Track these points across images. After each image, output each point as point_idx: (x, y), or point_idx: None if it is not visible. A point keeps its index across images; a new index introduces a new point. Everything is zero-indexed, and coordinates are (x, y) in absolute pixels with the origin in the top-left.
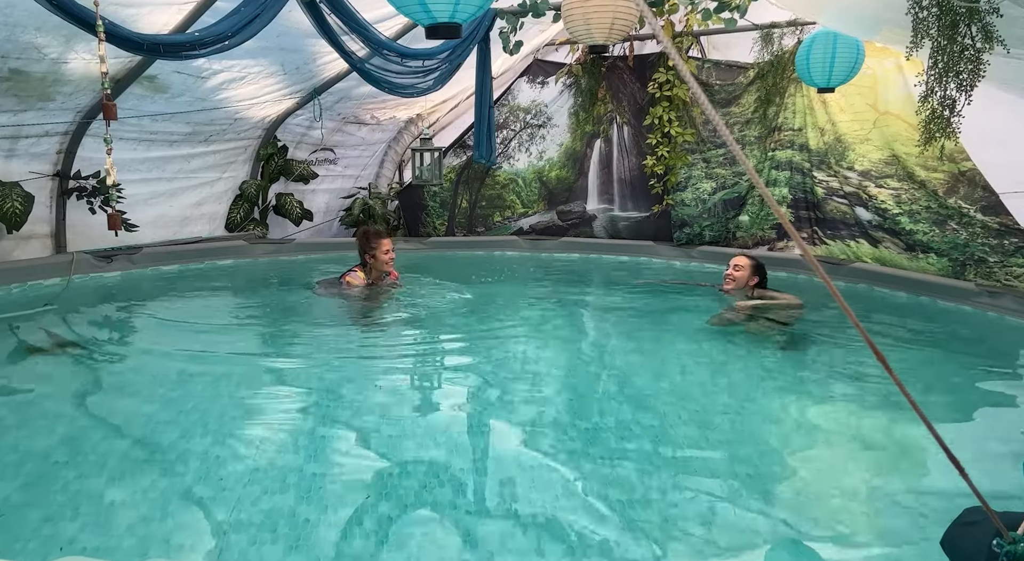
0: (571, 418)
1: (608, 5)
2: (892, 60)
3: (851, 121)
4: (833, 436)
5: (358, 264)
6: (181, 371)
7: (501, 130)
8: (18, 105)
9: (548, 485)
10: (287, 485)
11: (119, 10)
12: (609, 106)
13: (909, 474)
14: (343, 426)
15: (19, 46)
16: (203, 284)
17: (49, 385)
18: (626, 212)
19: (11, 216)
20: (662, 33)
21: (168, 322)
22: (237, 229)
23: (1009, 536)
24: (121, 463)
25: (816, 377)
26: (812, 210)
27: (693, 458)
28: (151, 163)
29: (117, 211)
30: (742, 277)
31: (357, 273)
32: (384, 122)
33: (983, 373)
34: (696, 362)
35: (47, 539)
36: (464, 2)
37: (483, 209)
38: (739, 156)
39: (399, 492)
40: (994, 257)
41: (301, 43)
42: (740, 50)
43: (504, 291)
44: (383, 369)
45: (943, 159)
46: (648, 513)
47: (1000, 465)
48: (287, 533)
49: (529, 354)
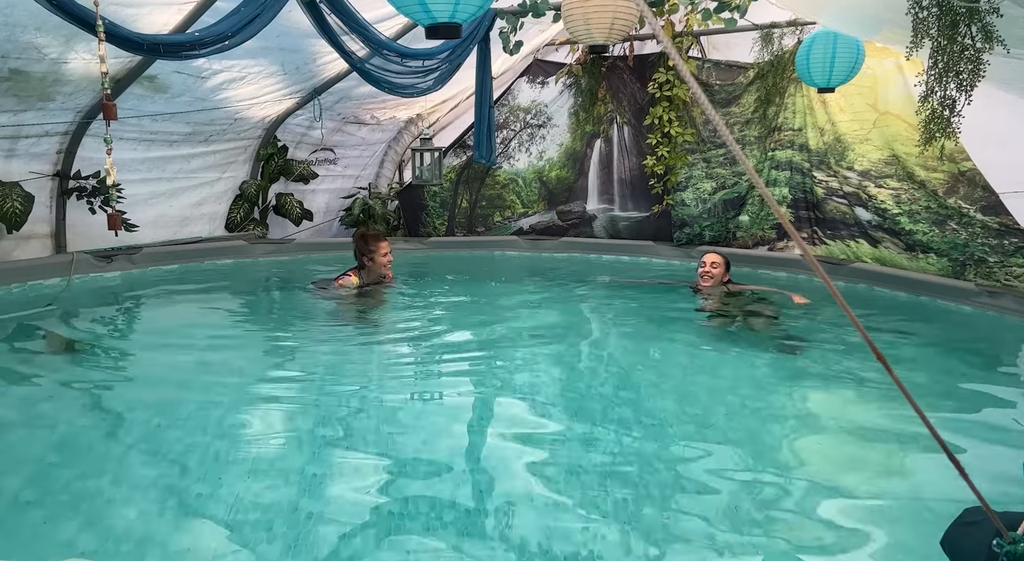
0: (570, 416)
1: (608, 5)
2: (892, 60)
3: (851, 121)
4: (832, 436)
5: (353, 268)
6: (181, 372)
7: (501, 130)
8: (18, 105)
9: (548, 485)
10: (287, 485)
11: (119, 10)
12: (609, 106)
13: (909, 474)
14: (343, 426)
15: (19, 46)
16: (203, 284)
17: (48, 385)
18: (626, 212)
19: (11, 216)
20: (662, 33)
21: (168, 322)
22: (237, 229)
23: (1009, 536)
24: (120, 464)
25: (816, 377)
26: (812, 210)
27: (694, 458)
28: (151, 163)
29: (117, 211)
30: (718, 274)
31: (351, 277)
32: (384, 122)
33: (983, 373)
34: (697, 361)
35: (46, 540)
36: (464, 2)
37: (483, 209)
38: (739, 156)
39: (399, 494)
40: (994, 257)
41: (301, 43)
42: (740, 50)
43: (494, 291)
44: (381, 371)
45: (943, 159)
46: (649, 513)
47: (1000, 465)
48: (285, 532)
49: (523, 356)
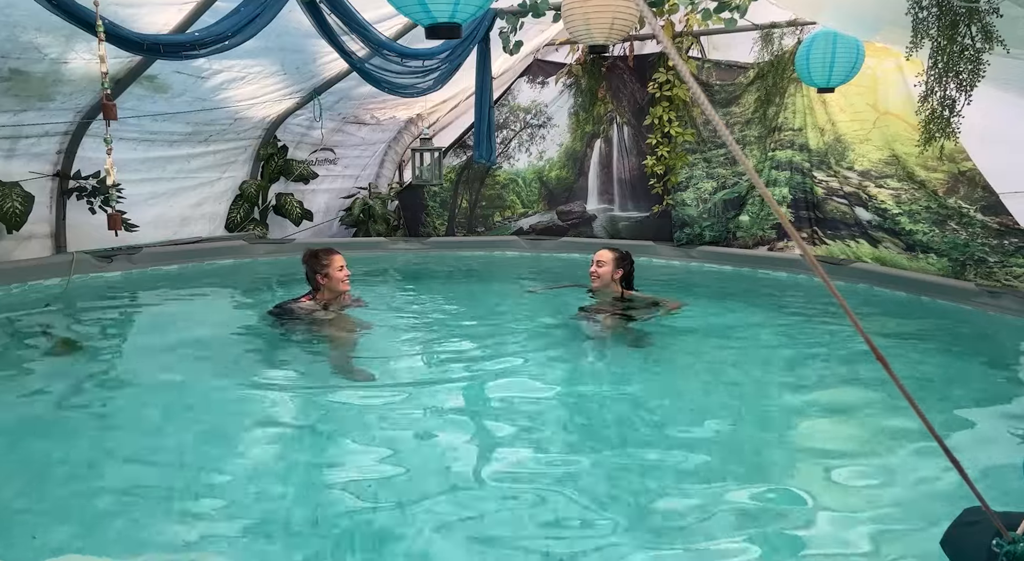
0: (569, 415)
1: (608, 5)
2: (892, 60)
3: (851, 121)
4: (831, 436)
5: (305, 294)
6: (180, 372)
7: (501, 130)
8: (18, 105)
9: (548, 483)
10: (287, 486)
11: (119, 10)
12: (609, 106)
13: (908, 474)
14: (343, 427)
15: (19, 46)
16: (203, 284)
17: (48, 386)
18: (626, 212)
19: (11, 216)
20: (662, 33)
21: (168, 323)
22: (237, 229)
23: (1009, 536)
24: (119, 465)
25: (815, 377)
26: (812, 210)
27: (688, 458)
28: (151, 163)
29: (117, 211)
30: (606, 273)
31: (303, 302)
32: (384, 122)
33: (983, 373)
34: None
35: (40, 540)
36: (464, 2)
37: (483, 209)
38: (739, 156)
39: (398, 499)
40: (994, 257)
41: (301, 43)
42: (740, 50)
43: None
44: (383, 373)
45: (943, 159)
46: (645, 514)
47: (1000, 465)
48: (286, 533)
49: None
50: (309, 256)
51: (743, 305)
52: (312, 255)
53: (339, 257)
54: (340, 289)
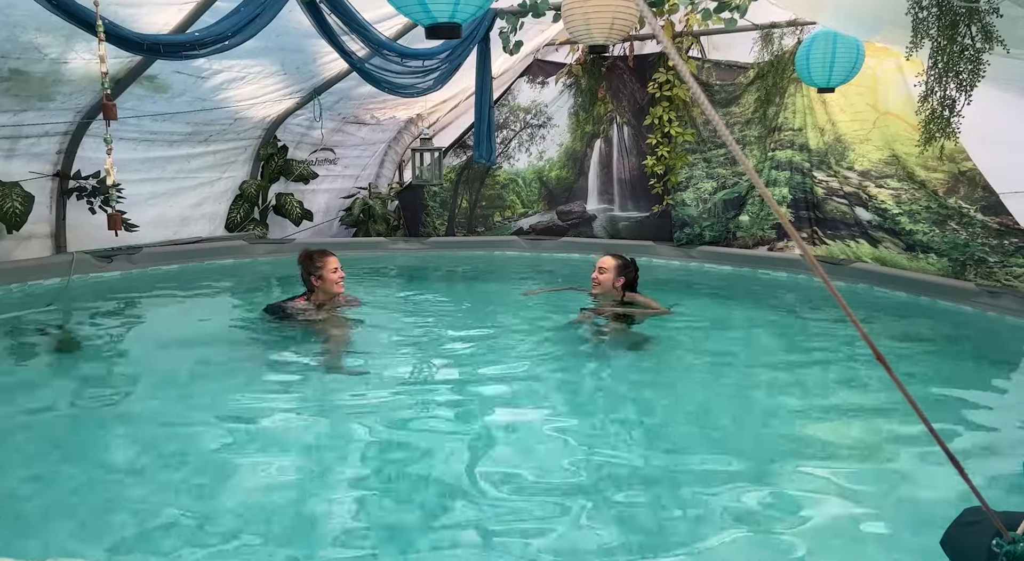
0: (568, 415)
1: (608, 5)
2: (892, 60)
3: (851, 121)
4: (832, 436)
5: (299, 295)
6: (180, 372)
7: (501, 130)
8: (18, 105)
9: (545, 486)
10: (287, 488)
11: (119, 10)
12: (609, 106)
13: (908, 474)
14: (343, 428)
15: (19, 46)
16: (203, 284)
17: (48, 385)
18: (626, 212)
19: (11, 216)
20: (662, 33)
21: (168, 323)
22: (237, 229)
23: (1009, 536)
24: (118, 465)
25: (815, 377)
26: (812, 210)
27: (688, 458)
28: (151, 163)
29: (117, 211)
30: (607, 280)
31: (296, 302)
32: (384, 122)
33: (983, 373)
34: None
35: (42, 538)
36: (464, 2)
37: (483, 209)
38: (739, 156)
39: (394, 498)
40: (994, 257)
41: (301, 43)
42: (740, 50)
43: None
44: (377, 373)
45: (943, 159)
46: (642, 514)
47: (1000, 465)
48: (276, 531)
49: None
50: (304, 257)
51: (743, 305)
52: (307, 257)
53: (333, 259)
54: (334, 291)
